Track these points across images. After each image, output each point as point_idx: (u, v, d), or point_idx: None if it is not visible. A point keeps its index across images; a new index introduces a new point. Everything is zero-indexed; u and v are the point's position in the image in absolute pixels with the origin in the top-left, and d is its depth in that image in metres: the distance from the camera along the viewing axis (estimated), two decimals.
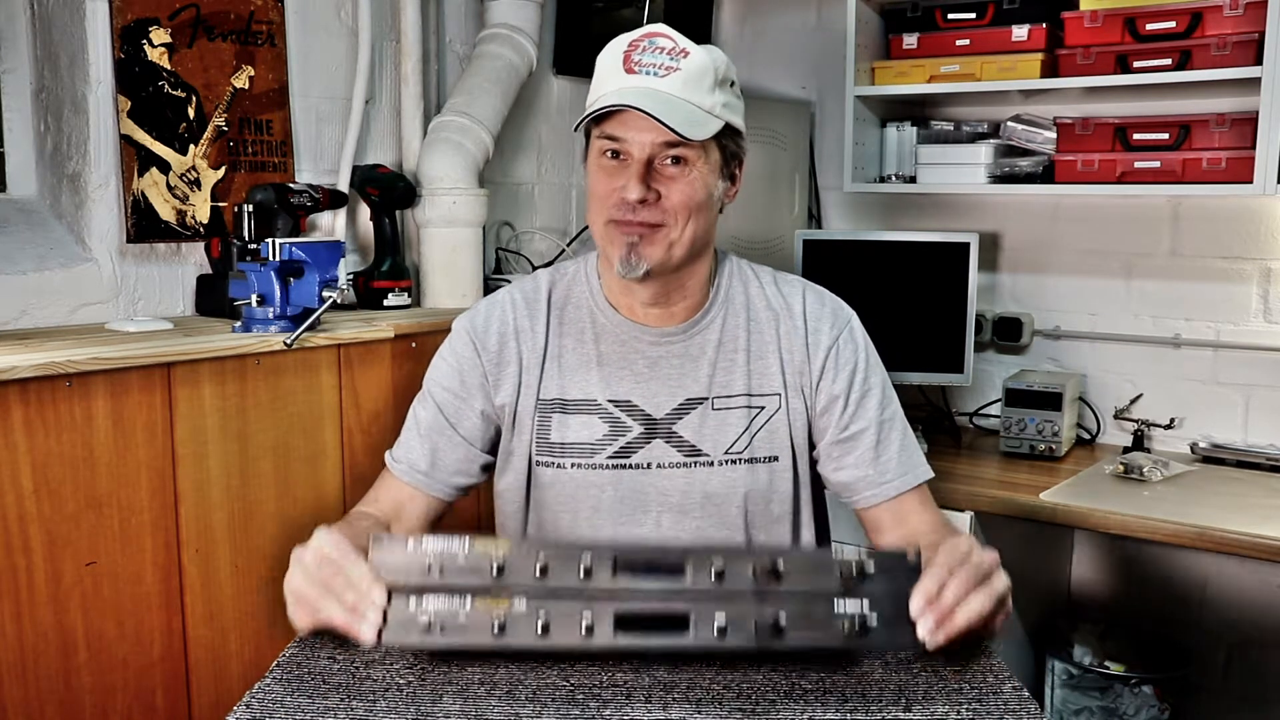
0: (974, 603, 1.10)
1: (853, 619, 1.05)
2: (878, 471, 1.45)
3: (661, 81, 1.33)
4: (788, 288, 1.52)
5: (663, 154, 1.35)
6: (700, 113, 1.34)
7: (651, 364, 1.46)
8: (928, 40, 2.65)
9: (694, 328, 1.47)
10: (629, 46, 1.37)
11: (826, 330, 1.48)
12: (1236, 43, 2.25)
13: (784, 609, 1.04)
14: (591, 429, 1.45)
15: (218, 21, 2.19)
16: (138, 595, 1.71)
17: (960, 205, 2.91)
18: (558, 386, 1.46)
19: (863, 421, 1.46)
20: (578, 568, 1.05)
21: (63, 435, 1.61)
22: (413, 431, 1.49)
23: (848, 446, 1.46)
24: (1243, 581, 2.63)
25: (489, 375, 1.47)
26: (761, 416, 1.46)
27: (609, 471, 1.44)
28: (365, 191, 2.42)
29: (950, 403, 2.90)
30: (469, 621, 1.04)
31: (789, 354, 1.47)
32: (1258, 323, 2.56)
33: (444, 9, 2.66)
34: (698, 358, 1.46)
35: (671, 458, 1.44)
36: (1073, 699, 2.57)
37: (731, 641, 1.04)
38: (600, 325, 1.48)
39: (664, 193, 1.35)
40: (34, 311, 1.98)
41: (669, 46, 1.36)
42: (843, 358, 1.47)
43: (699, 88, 1.34)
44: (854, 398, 1.46)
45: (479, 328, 1.49)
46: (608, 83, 1.37)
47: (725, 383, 1.46)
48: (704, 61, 1.36)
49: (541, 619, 1.03)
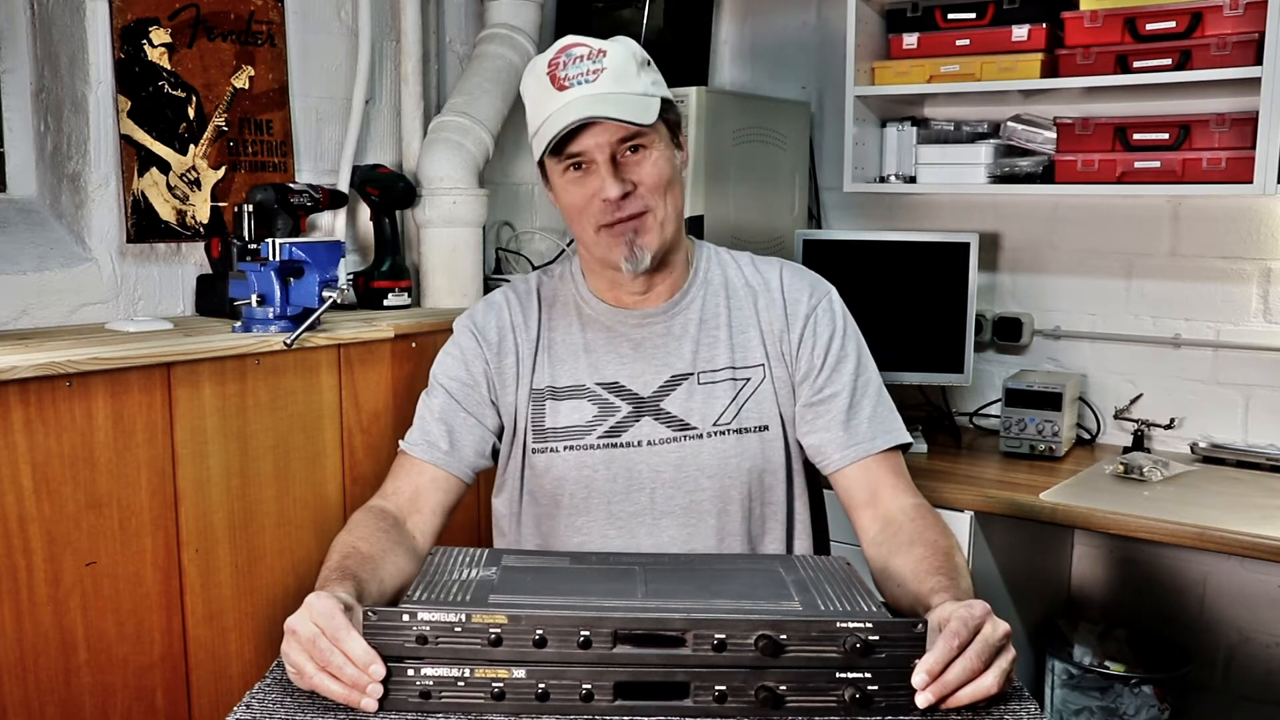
0: (981, 682, 1.05)
1: (854, 688, 1.03)
2: (848, 434, 1.47)
3: (595, 86, 1.38)
4: (765, 267, 1.57)
5: (622, 148, 1.40)
6: (641, 99, 1.40)
7: (636, 345, 1.50)
8: (928, 40, 2.65)
9: (674, 307, 1.52)
10: (549, 66, 1.41)
11: (805, 300, 1.52)
12: (1236, 43, 2.25)
13: (785, 682, 1.03)
14: (581, 412, 1.49)
15: (218, 21, 2.19)
16: (138, 595, 1.71)
17: (960, 205, 2.91)
18: (549, 375, 1.51)
19: (836, 385, 1.49)
20: (575, 639, 1.03)
21: (63, 435, 1.61)
22: (426, 418, 1.52)
23: (820, 410, 1.48)
24: (1243, 581, 2.63)
25: (491, 364, 1.52)
26: (747, 388, 1.49)
27: (600, 451, 1.48)
28: (365, 191, 2.43)
29: (950, 403, 2.90)
30: (468, 689, 1.03)
31: (769, 326, 1.51)
32: (1258, 323, 2.56)
33: (444, 9, 2.66)
34: (680, 336, 1.51)
35: (661, 433, 1.47)
36: (1073, 699, 2.57)
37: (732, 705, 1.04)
38: (585, 315, 1.53)
39: (637, 180, 1.41)
40: (34, 311, 1.98)
41: (585, 52, 1.41)
42: (820, 325, 1.51)
43: (628, 77, 1.40)
44: (830, 362, 1.49)
45: (480, 323, 1.54)
46: (545, 106, 1.40)
47: (709, 357, 1.50)
48: (622, 53, 1.41)
49: (540, 688, 1.03)
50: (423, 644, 1.03)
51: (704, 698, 1.04)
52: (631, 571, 1.21)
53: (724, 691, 1.03)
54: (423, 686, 1.04)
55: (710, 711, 1.04)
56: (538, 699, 1.03)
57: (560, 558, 1.30)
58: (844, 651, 1.03)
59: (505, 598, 1.08)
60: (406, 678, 1.04)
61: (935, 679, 1.04)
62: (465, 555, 1.23)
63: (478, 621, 1.03)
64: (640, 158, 1.41)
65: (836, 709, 1.04)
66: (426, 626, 1.03)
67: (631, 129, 1.38)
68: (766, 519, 1.51)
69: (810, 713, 1.04)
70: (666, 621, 1.04)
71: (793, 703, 1.04)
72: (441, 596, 1.08)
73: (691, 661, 1.03)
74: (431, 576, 1.15)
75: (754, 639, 1.03)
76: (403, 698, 1.04)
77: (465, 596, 1.08)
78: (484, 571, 1.17)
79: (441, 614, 1.03)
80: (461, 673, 1.03)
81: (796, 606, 1.08)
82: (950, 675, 1.04)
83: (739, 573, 1.23)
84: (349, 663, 1.05)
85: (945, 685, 1.04)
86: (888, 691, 1.04)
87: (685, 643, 1.03)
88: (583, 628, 1.03)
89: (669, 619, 1.04)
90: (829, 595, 1.12)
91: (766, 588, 1.15)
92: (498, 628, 1.03)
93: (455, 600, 1.07)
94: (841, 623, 1.04)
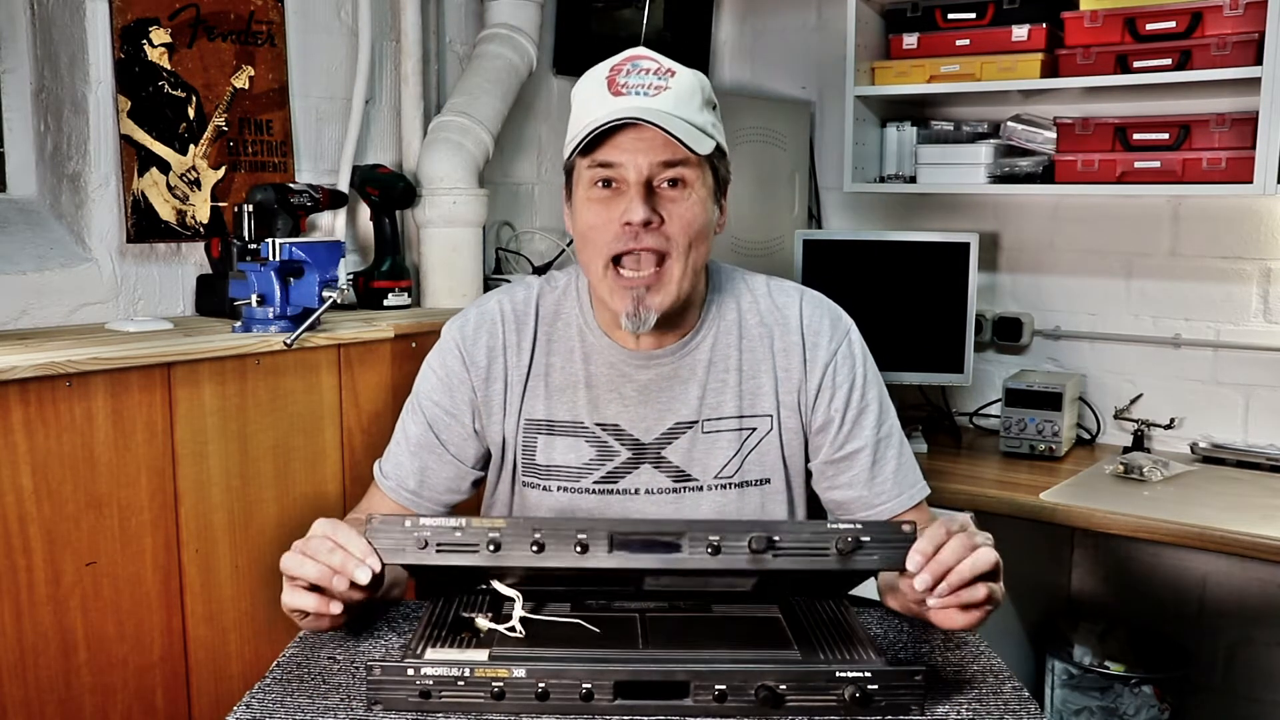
0: (979, 556, 1.10)
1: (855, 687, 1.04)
2: (872, 493, 1.41)
3: (653, 100, 1.27)
4: (782, 297, 1.45)
5: (661, 175, 1.28)
6: (698, 130, 1.28)
7: (640, 388, 1.40)
8: (928, 40, 2.65)
9: (683, 349, 1.41)
10: (611, 71, 1.31)
11: (825, 345, 1.42)
12: (1236, 43, 2.25)
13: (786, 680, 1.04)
14: (578, 452, 1.40)
15: (218, 21, 2.19)
16: (138, 595, 1.71)
17: (960, 205, 2.91)
18: (544, 407, 1.41)
19: (858, 441, 1.41)
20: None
21: (63, 435, 1.61)
22: (402, 446, 1.46)
23: (842, 466, 1.42)
24: (1243, 581, 2.63)
25: (478, 392, 1.42)
26: (753, 438, 1.41)
27: (595, 496, 1.40)
28: (365, 191, 2.43)
29: (950, 403, 2.90)
30: (467, 688, 1.04)
31: (784, 371, 1.42)
32: (1258, 323, 2.56)
33: (444, 9, 2.66)
34: (687, 380, 1.40)
35: (660, 483, 1.40)
36: (1073, 699, 2.57)
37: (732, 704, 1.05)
38: (589, 345, 1.42)
39: (666, 217, 1.28)
40: (34, 311, 1.98)
41: (654, 67, 1.30)
42: (840, 374, 1.41)
43: (690, 106, 1.29)
44: (850, 416, 1.41)
45: (469, 339, 1.43)
46: (594, 109, 1.29)
47: (715, 404, 1.40)
48: (691, 81, 1.31)
49: (540, 687, 1.03)
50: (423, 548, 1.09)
51: (704, 697, 1.04)
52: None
53: (723, 691, 1.04)
54: (423, 686, 1.04)
55: (710, 711, 1.04)
56: (537, 698, 1.04)
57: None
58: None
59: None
60: (407, 677, 1.04)
61: (928, 559, 1.08)
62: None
63: (479, 525, 1.08)
64: (677, 194, 1.29)
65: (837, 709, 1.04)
66: (427, 530, 1.09)
67: (676, 155, 1.27)
68: None
69: (811, 713, 1.04)
70: (669, 673, 1.05)
71: (793, 703, 1.04)
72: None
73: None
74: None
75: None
76: (402, 697, 1.04)
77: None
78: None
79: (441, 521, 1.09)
80: (461, 672, 1.04)
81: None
82: (944, 555, 1.09)
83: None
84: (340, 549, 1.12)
85: (940, 563, 1.09)
86: (888, 692, 1.04)
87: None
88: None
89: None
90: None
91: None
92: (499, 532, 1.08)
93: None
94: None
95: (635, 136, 1.27)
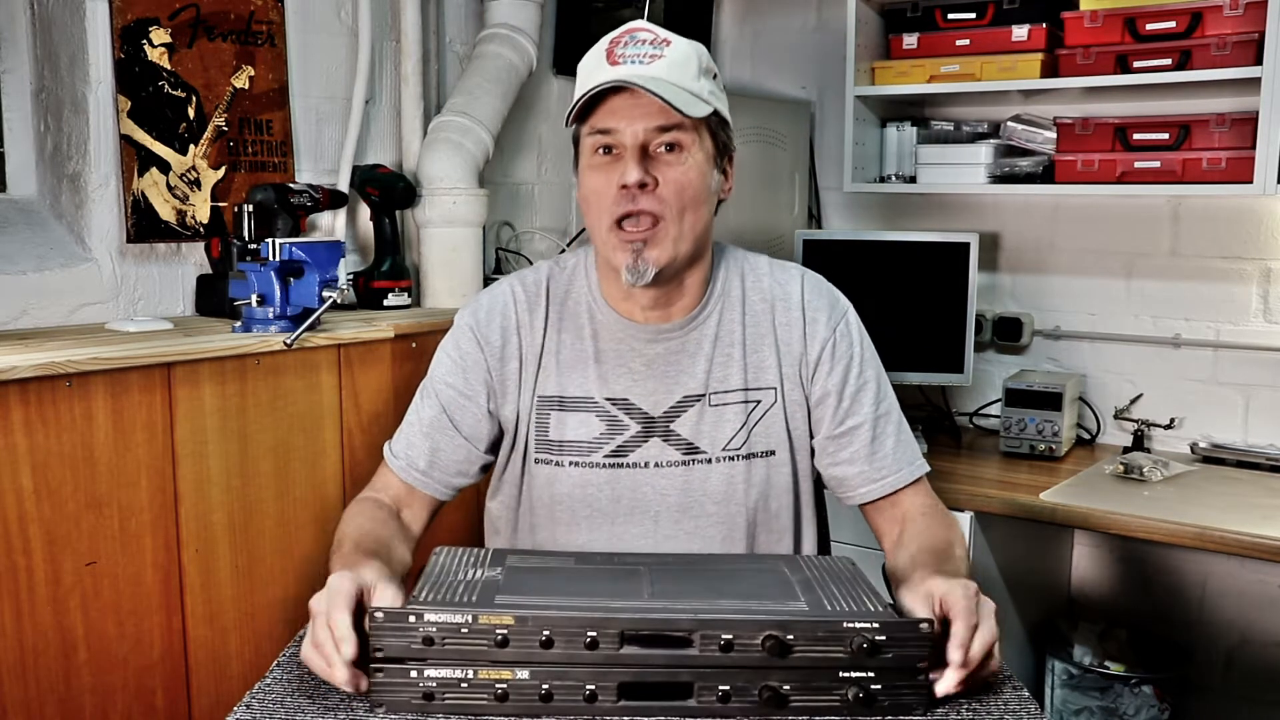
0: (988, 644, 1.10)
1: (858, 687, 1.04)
2: (873, 468, 1.45)
3: (648, 68, 1.33)
4: (784, 275, 1.51)
5: (656, 139, 1.34)
6: (692, 96, 1.34)
7: (648, 362, 1.45)
8: (928, 40, 2.65)
9: (690, 324, 1.45)
10: (610, 43, 1.37)
11: (824, 321, 1.47)
12: (1236, 43, 2.25)
13: (789, 682, 1.04)
14: (589, 427, 1.44)
15: (218, 21, 2.19)
16: (138, 595, 1.71)
17: (960, 205, 2.91)
18: (556, 383, 1.46)
19: (858, 416, 1.45)
20: (582, 640, 1.03)
21: (63, 435, 1.61)
22: (414, 427, 1.49)
23: (843, 442, 1.46)
24: (1243, 581, 2.63)
25: (493, 371, 1.46)
26: (758, 411, 1.45)
27: (605, 470, 1.44)
28: (365, 191, 2.42)
29: (950, 403, 2.90)
30: (471, 690, 1.03)
31: (786, 345, 1.46)
32: (1258, 323, 2.56)
33: (444, 9, 2.66)
34: (694, 354, 1.45)
35: (669, 456, 1.44)
36: (1073, 699, 2.57)
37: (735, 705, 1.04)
38: (598, 321, 1.46)
39: (660, 180, 1.34)
40: (34, 311, 1.98)
41: (650, 38, 1.36)
42: (839, 350, 1.46)
43: (685, 73, 1.34)
44: (849, 392, 1.45)
45: (482, 322, 1.47)
46: (593, 77, 1.36)
47: (722, 377, 1.45)
48: (687, 50, 1.36)
49: (544, 689, 1.03)
50: (429, 645, 1.03)
51: (708, 698, 1.04)
52: (637, 571, 1.21)
53: (727, 692, 1.03)
54: (426, 688, 1.04)
55: (714, 712, 1.04)
56: (541, 700, 1.03)
57: (565, 558, 1.30)
58: (851, 652, 1.03)
59: (511, 598, 1.08)
60: (410, 679, 1.03)
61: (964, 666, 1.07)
62: (469, 555, 1.23)
63: (484, 622, 1.03)
64: (673, 159, 1.34)
65: (840, 708, 1.04)
66: (433, 627, 1.03)
67: (669, 120, 1.32)
68: (772, 546, 1.48)
69: (813, 713, 1.04)
70: (673, 622, 1.03)
71: (797, 702, 1.04)
72: (448, 597, 1.08)
73: (698, 662, 1.03)
74: (437, 577, 1.15)
75: (761, 639, 1.03)
76: (405, 699, 1.04)
77: (471, 597, 1.08)
78: (489, 572, 1.17)
79: (448, 615, 1.03)
80: (465, 674, 1.03)
81: (803, 606, 1.08)
82: (975, 650, 1.08)
83: (744, 573, 1.23)
84: (330, 639, 1.06)
85: (973, 659, 1.08)
86: (891, 691, 1.04)
87: (692, 643, 1.03)
88: (589, 628, 1.02)
89: (676, 619, 1.04)
90: (835, 595, 1.12)
91: (772, 588, 1.15)
92: (504, 628, 1.03)
93: (462, 601, 1.07)
94: (848, 623, 1.04)
95: (632, 103, 1.32)
